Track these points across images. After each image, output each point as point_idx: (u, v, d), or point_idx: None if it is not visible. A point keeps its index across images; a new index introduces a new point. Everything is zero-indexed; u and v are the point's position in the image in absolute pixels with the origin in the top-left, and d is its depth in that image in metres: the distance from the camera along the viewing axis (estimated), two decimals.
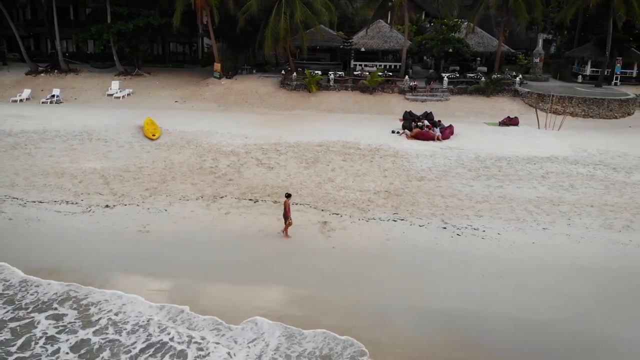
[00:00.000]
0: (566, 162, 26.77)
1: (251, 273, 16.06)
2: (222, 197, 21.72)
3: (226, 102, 40.78)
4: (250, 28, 42.81)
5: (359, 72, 43.74)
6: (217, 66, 44.41)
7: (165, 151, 27.77)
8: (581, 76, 45.83)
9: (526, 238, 18.37)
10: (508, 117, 36.14)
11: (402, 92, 41.17)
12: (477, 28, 45.67)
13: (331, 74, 42.30)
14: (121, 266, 16.38)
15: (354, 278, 15.80)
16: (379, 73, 42.02)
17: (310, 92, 41.19)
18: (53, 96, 40.57)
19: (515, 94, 40.84)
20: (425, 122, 32.46)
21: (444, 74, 42.96)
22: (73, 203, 20.98)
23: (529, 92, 40.06)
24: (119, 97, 41.54)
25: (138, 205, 20.84)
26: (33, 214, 19.89)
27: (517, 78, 41.89)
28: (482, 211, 20.57)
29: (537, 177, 24.51)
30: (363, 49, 45.73)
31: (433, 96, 40.72)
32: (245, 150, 28.05)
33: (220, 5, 40.31)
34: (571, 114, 37.40)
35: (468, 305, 14.43)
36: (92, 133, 30.53)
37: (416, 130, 31.53)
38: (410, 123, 32.70)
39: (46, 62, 48.28)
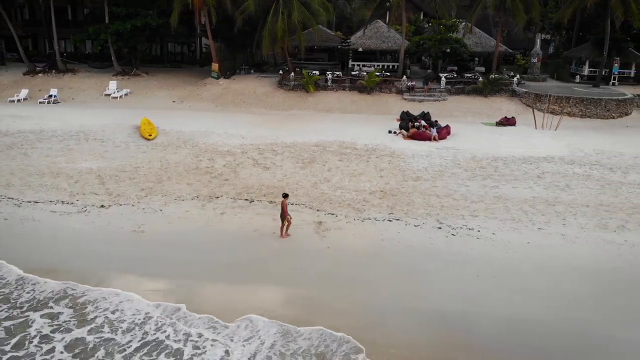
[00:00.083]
0: (562, 162, 26.79)
1: (246, 273, 16.04)
2: (218, 197, 21.71)
3: (224, 102, 40.81)
4: (248, 28, 42.86)
5: (357, 72, 43.81)
6: (215, 66, 44.44)
7: (161, 151, 27.77)
8: (579, 76, 45.91)
9: (521, 238, 18.37)
10: (505, 117, 36.17)
11: (400, 92, 41.18)
12: (475, 28, 45.70)
13: (329, 74, 42.35)
14: (116, 266, 16.34)
15: (349, 278, 15.78)
16: (377, 73, 42.06)
17: (307, 92, 41.21)
18: (50, 96, 40.61)
19: (512, 94, 40.88)
20: (422, 122, 32.47)
21: (442, 74, 43.00)
22: (68, 203, 20.97)
23: (527, 92, 40.09)
24: (117, 97, 41.56)
25: (133, 205, 20.83)
26: (28, 214, 19.88)
27: (515, 78, 41.93)
28: (478, 211, 20.57)
29: (533, 177, 24.53)
30: (361, 49, 45.77)
31: (430, 96, 40.74)
32: (241, 150, 28.06)
33: (217, 5, 40.30)
34: (569, 114, 37.47)
35: (462, 305, 14.42)
36: (89, 133, 30.56)
37: (413, 130, 31.55)
38: (407, 123, 32.73)
39: (44, 62, 48.33)
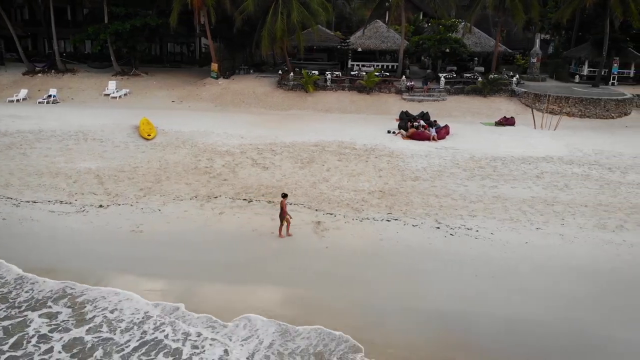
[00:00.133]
0: (561, 162, 26.79)
1: (245, 273, 16.04)
2: (217, 197, 21.71)
3: (223, 102, 40.81)
4: (247, 28, 42.84)
5: (356, 72, 43.79)
6: (215, 66, 44.43)
7: (160, 151, 27.77)
8: (578, 76, 45.90)
9: (520, 238, 18.37)
10: (504, 117, 36.18)
11: (399, 92, 41.19)
12: (475, 28, 45.73)
13: (328, 74, 42.34)
14: (114, 266, 16.34)
15: (347, 278, 15.77)
16: (376, 73, 42.05)
17: (307, 92, 41.21)
18: (50, 96, 40.60)
19: (512, 94, 40.89)
20: (421, 122, 32.48)
21: (441, 74, 42.99)
22: (67, 203, 20.97)
23: (526, 92, 40.10)
24: (116, 97, 41.55)
25: (132, 205, 20.82)
26: (27, 214, 19.88)
27: (514, 78, 41.92)
28: (476, 211, 20.57)
29: (532, 177, 24.53)
30: (360, 49, 45.76)
31: (430, 96, 40.75)
32: (240, 150, 28.06)
33: (217, 5, 40.26)
34: (568, 114, 37.47)
35: (461, 305, 14.42)
36: (88, 133, 30.56)
37: (412, 130, 31.55)
38: (406, 123, 32.73)
39: (43, 62, 48.31)
